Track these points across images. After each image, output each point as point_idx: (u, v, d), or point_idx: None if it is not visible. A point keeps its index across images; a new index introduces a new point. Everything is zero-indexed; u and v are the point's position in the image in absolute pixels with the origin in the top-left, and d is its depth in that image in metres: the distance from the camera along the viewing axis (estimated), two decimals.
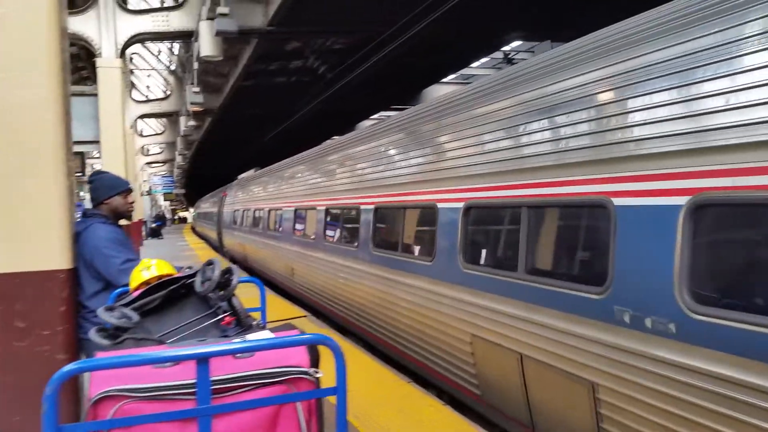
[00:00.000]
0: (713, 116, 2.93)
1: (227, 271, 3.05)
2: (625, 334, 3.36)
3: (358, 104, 21.77)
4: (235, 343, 2.32)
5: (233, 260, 19.41)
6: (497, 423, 5.08)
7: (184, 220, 71.98)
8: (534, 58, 4.84)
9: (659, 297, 3.14)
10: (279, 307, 9.94)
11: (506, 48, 16.96)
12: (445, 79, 19.38)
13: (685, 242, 3.02)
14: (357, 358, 6.74)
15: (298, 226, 11.27)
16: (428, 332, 5.82)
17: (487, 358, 4.82)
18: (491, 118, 4.93)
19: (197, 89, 16.28)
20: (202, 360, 2.12)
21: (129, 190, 4.49)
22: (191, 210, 70.56)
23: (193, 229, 46.31)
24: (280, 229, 12.65)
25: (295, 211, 11.53)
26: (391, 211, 7.02)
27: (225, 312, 2.99)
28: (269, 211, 14.17)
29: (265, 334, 2.52)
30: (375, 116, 21.87)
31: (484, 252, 5.10)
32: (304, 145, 12.61)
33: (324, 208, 9.55)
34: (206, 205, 35.90)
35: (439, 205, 5.63)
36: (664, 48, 3.31)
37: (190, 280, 3.11)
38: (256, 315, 4.11)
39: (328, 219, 9.47)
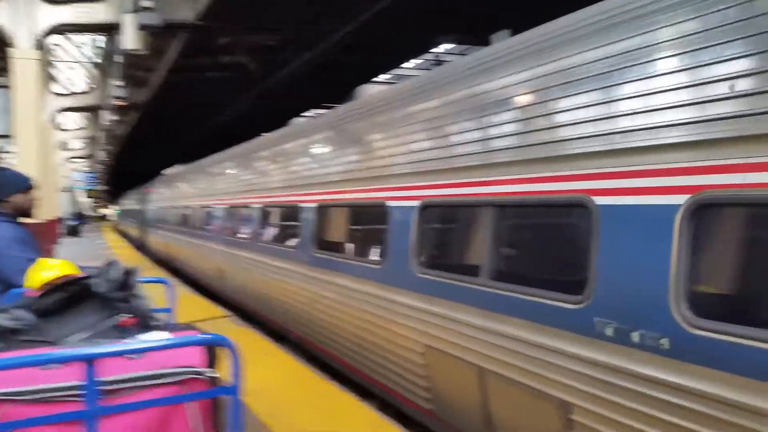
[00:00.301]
0: (718, 105, 2.59)
1: (129, 272, 3.00)
2: (606, 348, 2.98)
3: (291, 102, 21.61)
4: (124, 344, 2.30)
5: (158, 260, 18.87)
6: None
7: (102, 217, 68.38)
8: (509, 40, 4.32)
9: (650, 308, 2.78)
10: (201, 308, 9.77)
11: (439, 50, 17.18)
12: (377, 78, 19.49)
13: (683, 247, 2.67)
14: (278, 357, 6.72)
15: (229, 225, 10.91)
16: (376, 341, 5.34)
17: (443, 371, 4.43)
18: (453, 108, 4.46)
19: (121, 83, 15.78)
20: (89, 361, 2.10)
21: (30, 187, 4.33)
22: (110, 207, 67.50)
23: (117, 228, 44.63)
24: (210, 228, 12.33)
25: (226, 209, 11.19)
26: (335, 209, 6.67)
27: (126, 313, 2.93)
28: (198, 208, 13.81)
29: (162, 335, 2.51)
30: (307, 114, 21.75)
31: (441, 255, 4.80)
32: (236, 142, 12.39)
33: (259, 206, 9.19)
34: (129, 202, 34.53)
35: (390, 203, 5.16)
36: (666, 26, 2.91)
37: (91, 281, 3.04)
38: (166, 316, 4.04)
39: (264, 218, 9.16)
